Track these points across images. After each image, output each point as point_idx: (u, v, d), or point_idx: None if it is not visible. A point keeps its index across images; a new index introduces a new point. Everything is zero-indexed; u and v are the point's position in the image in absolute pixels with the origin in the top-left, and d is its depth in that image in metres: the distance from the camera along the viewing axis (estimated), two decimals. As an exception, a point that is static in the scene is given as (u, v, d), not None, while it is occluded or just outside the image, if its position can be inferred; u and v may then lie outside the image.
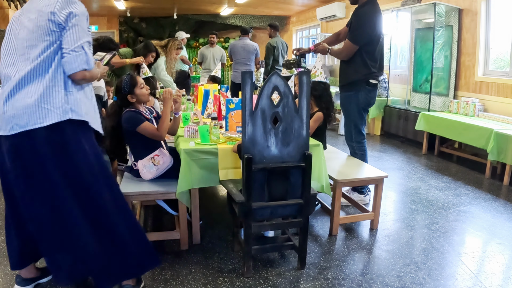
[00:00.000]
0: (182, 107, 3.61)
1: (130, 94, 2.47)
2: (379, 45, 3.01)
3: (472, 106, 4.63)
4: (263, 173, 2.03)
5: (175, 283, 2.07)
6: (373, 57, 3.00)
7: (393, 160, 4.64)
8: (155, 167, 2.47)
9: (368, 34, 2.92)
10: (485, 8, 4.72)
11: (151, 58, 4.04)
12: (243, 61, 6.12)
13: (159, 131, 2.43)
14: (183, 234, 2.40)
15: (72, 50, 1.56)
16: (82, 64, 1.58)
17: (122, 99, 2.49)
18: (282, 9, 10.13)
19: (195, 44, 11.97)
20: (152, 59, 4.06)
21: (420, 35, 5.56)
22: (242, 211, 2.02)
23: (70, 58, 1.56)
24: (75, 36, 1.57)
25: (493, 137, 3.78)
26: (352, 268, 2.25)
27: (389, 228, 2.79)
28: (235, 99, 2.76)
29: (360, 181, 2.72)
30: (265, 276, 2.15)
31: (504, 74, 4.55)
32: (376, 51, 3.00)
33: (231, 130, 2.75)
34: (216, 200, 3.33)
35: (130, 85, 2.47)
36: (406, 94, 5.89)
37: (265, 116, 1.99)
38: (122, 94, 2.47)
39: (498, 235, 2.71)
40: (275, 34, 6.27)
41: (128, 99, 2.48)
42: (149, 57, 3.98)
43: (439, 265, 2.28)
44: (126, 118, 2.45)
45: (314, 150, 2.43)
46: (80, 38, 1.58)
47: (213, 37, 6.87)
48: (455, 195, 3.48)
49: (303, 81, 2.03)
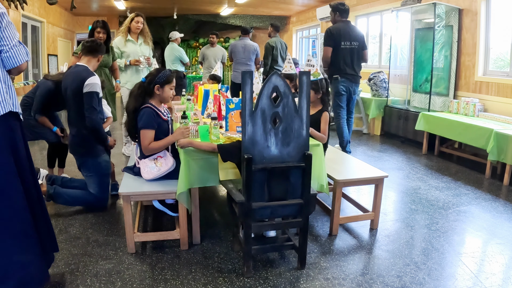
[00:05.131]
0: (182, 107, 3.61)
1: (159, 85, 2.54)
2: (340, 51, 4.44)
3: (472, 106, 4.63)
4: (263, 173, 2.03)
5: (175, 283, 2.07)
6: (336, 59, 4.48)
7: (393, 160, 4.64)
8: (157, 168, 2.47)
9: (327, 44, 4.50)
10: (485, 8, 4.72)
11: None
12: (243, 61, 6.12)
13: (150, 147, 2.48)
14: (183, 234, 2.40)
15: (13, 45, 1.72)
16: (25, 56, 1.77)
17: (149, 83, 2.55)
18: (282, 9, 10.13)
19: (195, 44, 11.97)
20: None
21: (420, 35, 5.56)
22: (242, 211, 2.02)
23: (13, 52, 1.72)
24: (11, 33, 1.72)
25: (493, 137, 3.78)
26: (352, 268, 2.25)
27: (389, 228, 2.79)
28: (235, 99, 2.76)
29: (360, 181, 2.72)
30: (265, 276, 2.15)
31: (504, 74, 4.55)
32: (338, 55, 4.46)
33: (231, 130, 2.75)
34: (216, 200, 3.33)
35: (165, 80, 2.56)
36: (406, 94, 5.89)
37: (265, 116, 1.99)
38: (153, 81, 2.54)
39: (498, 235, 2.71)
40: (274, 34, 6.27)
41: (155, 89, 2.55)
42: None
43: (439, 265, 2.28)
44: (141, 114, 2.50)
45: (314, 150, 2.43)
46: (15, 34, 1.74)
47: (213, 37, 6.88)
48: (455, 195, 3.48)
49: (303, 81, 2.03)
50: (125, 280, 2.09)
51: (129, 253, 2.38)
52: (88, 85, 2.78)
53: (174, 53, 6.56)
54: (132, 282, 2.08)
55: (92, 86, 2.80)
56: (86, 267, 2.21)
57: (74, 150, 2.98)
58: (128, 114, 2.58)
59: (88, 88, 2.78)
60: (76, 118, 2.89)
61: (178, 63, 6.60)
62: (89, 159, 2.92)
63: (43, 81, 3.29)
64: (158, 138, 2.52)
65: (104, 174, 2.97)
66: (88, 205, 3.00)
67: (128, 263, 2.27)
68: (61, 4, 8.55)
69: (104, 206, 3.03)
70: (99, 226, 2.76)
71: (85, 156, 2.93)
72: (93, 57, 2.97)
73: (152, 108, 2.53)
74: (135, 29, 4.32)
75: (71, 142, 2.97)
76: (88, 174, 2.95)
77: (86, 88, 2.78)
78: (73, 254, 2.35)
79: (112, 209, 3.07)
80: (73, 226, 2.74)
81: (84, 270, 2.19)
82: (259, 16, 11.27)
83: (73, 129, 2.94)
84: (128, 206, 2.31)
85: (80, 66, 2.90)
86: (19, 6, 6.16)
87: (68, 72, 3.01)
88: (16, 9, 6.50)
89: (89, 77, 2.80)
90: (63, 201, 2.92)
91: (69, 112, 2.95)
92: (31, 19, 7.54)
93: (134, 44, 4.38)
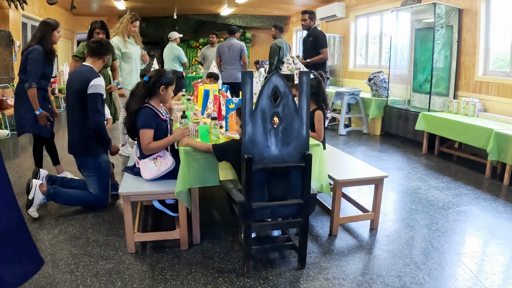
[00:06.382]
0: (182, 107, 3.61)
1: (164, 86, 2.56)
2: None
3: (472, 106, 4.62)
4: (263, 173, 2.03)
5: (175, 283, 2.07)
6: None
7: (393, 160, 4.64)
8: (156, 168, 2.48)
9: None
10: (485, 8, 4.72)
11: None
12: (228, 60, 6.11)
13: (149, 146, 2.48)
14: (183, 234, 2.40)
15: None
16: None
17: (154, 83, 2.55)
18: (282, 9, 10.13)
19: (195, 44, 11.97)
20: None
21: (420, 35, 5.56)
22: (242, 211, 2.02)
23: None
24: None
25: (493, 137, 3.78)
26: (352, 268, 2.25)
27: (389, 228, 2.79)
28: (235, 99, 2.77)
29: (360, 181, 2.72)
30: (265, 276, 2.15)
31: (504, 74, 4.55)
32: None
33: (231, 130, 2.75)
34: (216, 200, 3.33)
35: (169, 81, 2.59)
36: (406, 94, 5.89)
37: (265, 116, 2.00)
38: (158, 82, 2.55)
39: (498, 235, 2.71)
40: (279, 35, 6.27)
41: (159, 90, 2.56)
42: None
43: (439, 265, 2.28)
44: (141, 114, 2.50)
45: (314, 150, 2.43)
46: None
47: (213, 37, 6.88)
48: (455, 195, 3.48)
49: (303, 81, 2.03)
50: (125, 280, 2.09)
51: (129, 253, 2.38)
52: (93, 86, 2.78)
53: (173, 53, 6.58)
54: (132, 282, 2.08)
55: (97, 88, 2.80)
56: (86, 267, 2.21)
57: (74, 150, 2.98)
58: (129, 114, 2.58)
59: (92, 89, 2.78)
60: (77, 118, 2.89)
61: (177, 62, 6.62)
62: (89, 159, 2.92)
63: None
64: (157, 138, 2.52)
65: (104, 174, 2.97)
66: (88, 205, 3.00)
67: (128, 263, 2.27)
68: (61, 4, 8.55)
69: (104, 206, 3.03)
70: (99, 226, 2.76)
71: (85, 156, 2.93)
72: (98, 59, 2.96)
73: (151, 108, 2.53)
74: (131, 32, 4.39)
75: (71, 142, 2.97)
76: (88, 174, 2.95)
77: (90, 89, 2.78)
78: (73, 254, 2.35)
79: (112, 209, 3.07)
80: (73, 226, 2.75)
81: (84, 270, 2.19)
82: (259, 16, 11.27)
83: (73, 129, 2.94)
84: (128, 206, 2.31)
85: (85, 66, 2.91)
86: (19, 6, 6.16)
87: (73, 71, 3.02)
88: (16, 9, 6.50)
89: (93, 78, 2.80)
90: (63, 201, 2.92)
91: (71, 111, 2.95)
92: (31, 19, 7.54)
93: (132, 46, 4.44)
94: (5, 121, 5.72)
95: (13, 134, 5.66)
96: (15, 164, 4.26)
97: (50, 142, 3.55)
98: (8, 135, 5.56)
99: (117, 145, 3.13)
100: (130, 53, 4.38)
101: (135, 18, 4.38)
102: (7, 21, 6.59)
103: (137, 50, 4.51)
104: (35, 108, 3.18)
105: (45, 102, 3.33)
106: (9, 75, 6.52)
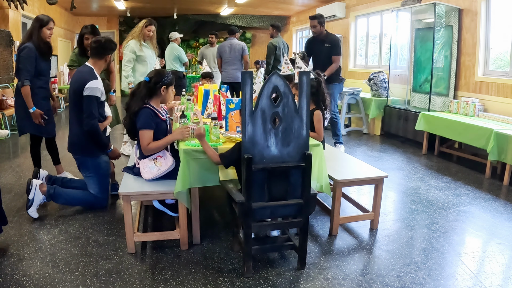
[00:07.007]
0: (182, 107, 3.61)
1: (165, 86, 2.58)
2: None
3: (472, 106, 4.62)
4: (263, 173, 2.03)
5: (175, 283, 2.07)
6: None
7: (393, 160, 4.64)
8: (156, 168, 2.48)
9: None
10: (485, 8, 4.72)
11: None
12: (229, 60, 6.15)
13: (149, 147, 2.48)
14: (183, 234, 2.40)
15: None
16: None
17: (155, 83, 2.56)
18: (282, 9, 10.13)
19: (195, 44, 11.96)
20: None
21: (420, 35, 5.56)
22: (242, 211, 2.02)
23: None
24: None
25: (493, 137, 3.78)
26: (352, 268, 2.25)
27: (389, 228, 2.79)
28: (235, 99, 2.76)
29: (360, 181, 2.72)
30: (265, 276, 2.15)
31: (504, 74, 4.55)
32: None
33: (231, 130, 2.75)
34: (216, 200, 3.33)
35: (170, 81, 2.61)
36: (406, 94, 5.89)
37: (265, 116, 2.00)
38: (160, 82, 2.56)
39: (498, 235, 2.71)
40: (276, 34, 6.29)
41: (161, 90, 2.57)
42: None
43: (439, 265, 2.28)
44: (140, 115, 2.50)
45: (314, 150, 2.43)
46: None
47: (212, 37, 6.89)
48: (455, 195, 3.48)
49: (303, 81, 2.03)
50: (125, 280, 2.09)
51: (129, 253, 2.38)
52: (88, 89, 2.76)
53: (174, 53, 6.59)
54: (132, 282, 2.08)
55: (92, 90, 2.76)
56: (86, 267, 2.21)
57: (73, 150, 2.97)
58: (129, 114, 2.58)
59: (88, 91, 2.76)
60: (75, 118, 2.89)
61: (178, 62, 6.63)
62: (88, 159, 2.92)
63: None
64: (157, 138, 2.52)
65: (103, 174, 2.97)
66: (88, 205, 3.00)
67: (128, 263, 2.27)
68: (61, 4, 8.55)
69: (104, 206, 3.03)
70: (99, 226, 2.76)
71: (84, 156, 2.93)
72: (99, 59, 2.92)
73: (150, 108, 2.53)
74: (146, 36, 4.45)
75: (71, 141, 2.97)
76: (88, 174, 2.95)
77: (86, 91, 2.76)
78: (73, 254, 2.35)
79: (112, 209, 3.08)
80: (73, 226, 2.74)
81: (84, 270, 2.19)
82: (259, 16, 11.26)
83: (73, 129, 2.94)
84: (128, 206, 2.31)
85: (86, 67, 2.88)
86: (19, 6, 6.16)
87: (75, 71, 3.02)
88: (16, 9, 6.51)
89: (90, 81, 2.76)
90: (63, 201, 2.92)
91: (71, 111, 2.94)
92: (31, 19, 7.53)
93: (148, 49, 4.52)
94: (5, 121, 5.72)
95: (13, 134, 5.66)
96: (15, 164, 4.26)
97: (52, 141, 3.55)
98: (8, 135, 5.56)
99: (118, 150, 3.13)
100: (145, 56, 4.45)
101: (149, 22, 4.45)
102: (7, 21, 6.59)
103: (152, 53, 4.59)
104: (29, 106, 3.17)
105: (45, 100, 3.33)
106: (9, 75, 6.52)
